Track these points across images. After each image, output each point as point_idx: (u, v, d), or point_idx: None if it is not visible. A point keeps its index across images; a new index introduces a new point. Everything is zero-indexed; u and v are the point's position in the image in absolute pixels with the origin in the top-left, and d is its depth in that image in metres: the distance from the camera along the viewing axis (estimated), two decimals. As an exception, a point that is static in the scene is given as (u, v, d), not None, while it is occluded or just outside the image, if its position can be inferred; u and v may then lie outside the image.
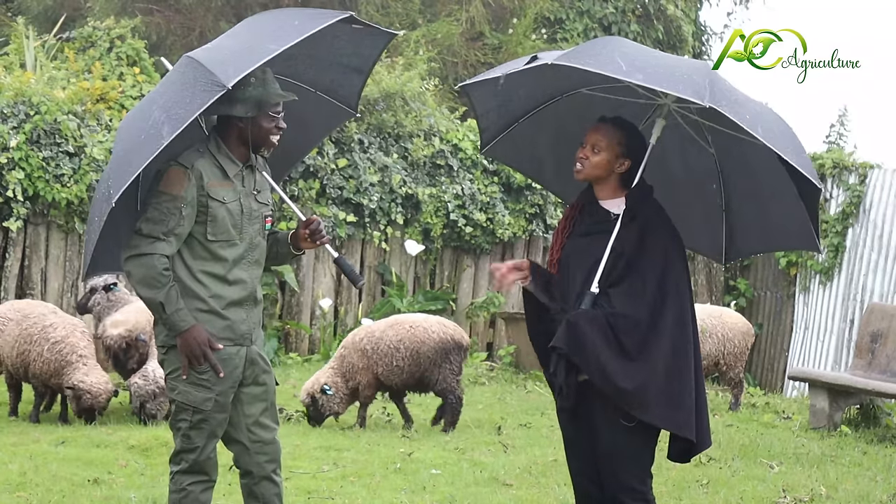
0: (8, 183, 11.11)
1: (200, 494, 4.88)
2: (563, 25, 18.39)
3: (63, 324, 9.02)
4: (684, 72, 4.34)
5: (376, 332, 9.19)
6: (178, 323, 4.68)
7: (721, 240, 5.10)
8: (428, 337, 9.13)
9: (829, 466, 8.22)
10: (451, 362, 9.13)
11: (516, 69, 4.52)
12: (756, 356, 14.91)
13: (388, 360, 9.05)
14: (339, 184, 13.10)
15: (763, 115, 4.43)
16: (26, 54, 13.19)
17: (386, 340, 9.11)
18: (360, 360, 9.09)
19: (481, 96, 5.05)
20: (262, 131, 4.80)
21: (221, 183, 4.78)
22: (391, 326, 9.26)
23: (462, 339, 9.27)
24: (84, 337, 9.01)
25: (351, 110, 5.32)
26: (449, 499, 6.86)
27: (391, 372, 9.06)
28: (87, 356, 8.89)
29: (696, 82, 4.24)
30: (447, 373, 9.10)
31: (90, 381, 8.71)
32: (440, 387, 9.12)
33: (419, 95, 13.87)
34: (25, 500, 6.54)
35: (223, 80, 4.34)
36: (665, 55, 4.72)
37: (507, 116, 5.10)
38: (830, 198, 14.18)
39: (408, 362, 9.07)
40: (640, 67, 4.28)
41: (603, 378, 4.47)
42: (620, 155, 4.64)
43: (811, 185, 4.45)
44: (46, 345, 8.86)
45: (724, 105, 4.19)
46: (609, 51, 4.44)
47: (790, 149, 4.37)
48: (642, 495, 4.60)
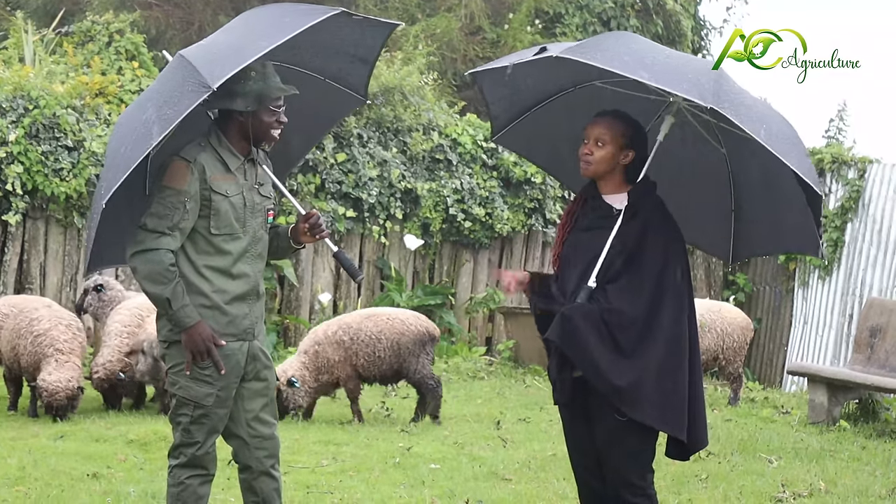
0: (7, 177, 11.10)
1: (199, 488, 4.88)
2: (562, 20, 18.37)
3: (49, 317, 8.97)
4: (691, 72, 4.33)
5: (353, 325, 9.20)
6: (183, 319, 4.67)
7: (729, 239, 5.08)
8: (407, 328, 9.21)
9: (828, 461, 8.22)
10: (427, 353, 9.26)
11: (524, 59, 4.51)
12: (755, 351, 14.91)
13: (369, 351, 9.08)
14: (338, 178, 13.10)
15: (769, 119, 4.41)
16: (25, 48, 13.18)
17: (365, 331, 9.13)
18: (336, 353, 9.08)
19: (491, 84, 5.04)
20: (262, 125, 4.79)
21: (224, 176, 4.77)
22: (367, 318, 9.28)
23: (435, 331, 9.40)
24: (68, 330, 8.94)
25: (361, 97, 5.32)
26: (448, 493, 6.86)
27: (371, 363, 9.08)
28: (64, 350, 8.81)
29: (702, 83, 4.23)
30: (425, 362, 9.20)
31: (50, 379, 8.63)
32: (418, 376, 9.19)
33: (418, 90, 13.87)
34: (24, 495, 6.54)
35: (209, 81, 4.33)
36: (676, 54, 4.69)
37: (518, 105, 5.09)
38: (829, 192, 14.18)
39: (388, 353, 9.12)
40: (648, 65, 4.27)
41: (595, 373, 4.47)
42: (624, 146, 4.63)
43: (812, 191, 4.44)
44: (30, 338, 8.86)
45: (726, 107, 4.18)
46: (618, 46, 4.44)
47: (793, 154, 4.36)
48: (642, 490, 4.60)
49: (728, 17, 21.31)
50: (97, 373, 9.07)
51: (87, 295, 10.01)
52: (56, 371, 8.67)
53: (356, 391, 9.25)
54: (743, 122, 4.21)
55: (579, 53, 4.28)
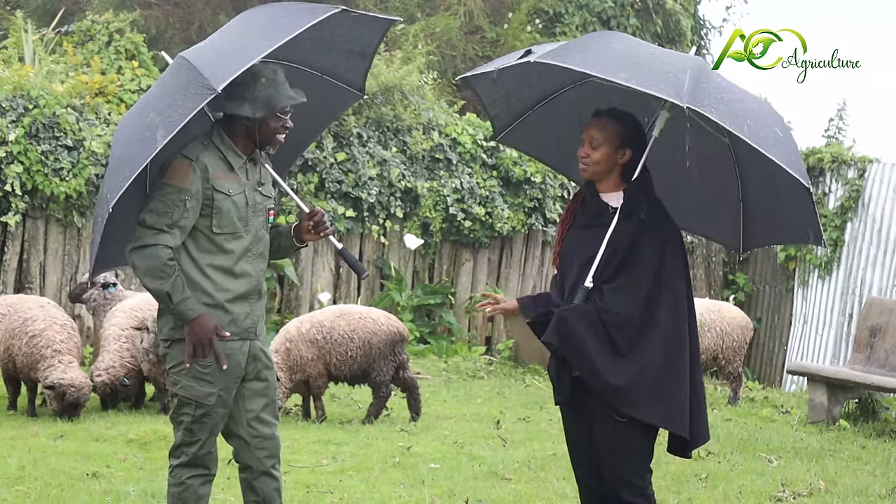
0: (6, 177, 11.10)
1: (199, 488, 4.88)
2: (562, 19, 18.37)
3: (44, 317, 8.95)
4: (671, 69, 4.31)
5: (325, 323, 9.16)
6: (185, 312, 4.67)
7: (739, 229, 5.07)
8: (378, 328, 9.18)
9: (827, 460, 8.22)
10: (395, 354, 9.19)
11: (508, 64, 4.53)
12: (755, 350, 14.91)
13: (342, 349, 9.06)
14: (338, 178, 13.10)
15: (753, 114, 4.38)
16: (25, 48, 13.18)
17: (338, 330, 9.10)
18: (309, 351, 9.05)
19: (484, 87, 5.05)
20: (269, 130, 4.80)
21: (227, 175, 4.78)
22: (339, 317, 9.24)
23: (406, 331, 9.37)
24: (63, 330, 8.92)
25: (358, 92, 5.32)
26: (448, 493, 6.86)
27: (343, 362, 9.06)
28: (62, 351, 8.79)
29: (680, 81, 4.21)
30: (390, 365, 9.15)
31: (69, 377, 8.64)
32: (380, 378, 9.14)
33: (418, 89, 13.86)
34: (24, 494, 6.54)
35: (213, 83, 4.34)
36: (659, 51, 4.66)
37: (519, 105, 5.09)
38: (829, 192, 14.18)
39: (360, 352, 9.09)
40: (627, 66, 4.26)
41: (592, 374, 4.48)
42: (620, 146, 4.63)
43: (799, 185, 4.44)
44: (25, 338, 8.85)
45: (704, 105, 4.17)
46: (599, 47, 4.44)
47: (778, 148, 4.34)
48: (641, 490, 4.61)
49: (728, 17, 21.30)
50: (100, 377, 9.06)
51: (93, 288, 10.00)
52: (69, 370, 8.69)
53: (323, 389, 9.21)
54: (723, 119, 4.19)
55: (559, 57, 4.29)
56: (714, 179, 5.05)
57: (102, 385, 9.08)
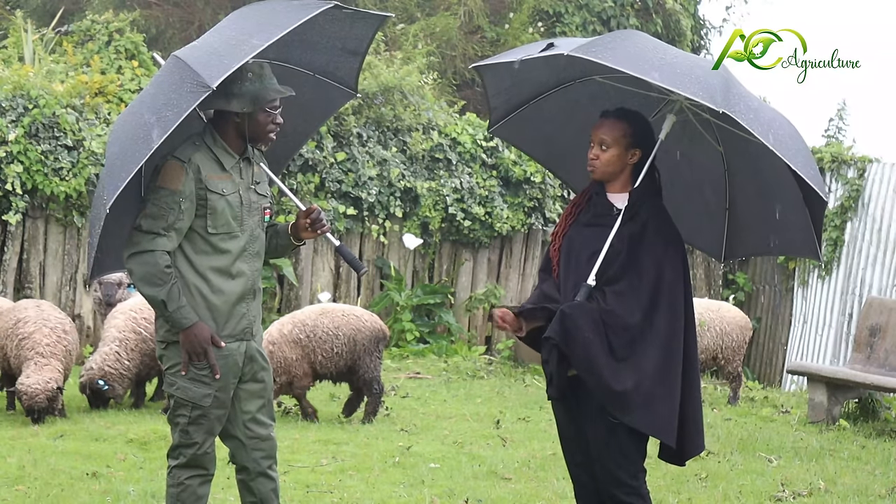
0: (6, 176, 11.11)
1: (198, 488, 4.89)
2: (562, 19, 18.38)
3: (35, 319, 8.84)
4: (701, 73, 4.31)
5: (308, 322, 9.12)
6: (180, 320, 4.67)
7: (722, 238, 5.08)
8: (362, 325, 9.16)
9: (827, 460, 8.22)
10: (379, 351, 9.19)
11: (532, 55, 4.49)
12: (754, 350, 14.91)
13: (327, 347, 9.03)
14: (338, 177, 13.10)
15: (776, 123, 4.40)
16: (25, 48, 13.19)
17: (322, 328, 9.07)
18: (293, 352, 9.00)
19: (494, 77, 5.03)
20: (258, 126, 4.79)
21: (220, 175, 4.77)
22: (322, 315, 9.20)
23: (386, 330, 9.36)
24: (53, 333, 8.76)
25: (351, 90, 5.30)
26: (447, 492, 6.86)
27: (329, 359, 9.03)
28: (45, 354, 8.64)
29: (712, 85, 4.22)
30: (376, 362, 9.13)
31: (27, 383, 8.45)
32: (368, 376, 9.10)
33: (418, 89, 13.87)
34: (24, 494, 6.54)
35: (208, 80, 4.33)
36: (683, 54, 4.65)
37: (517, 98, 5.08)
38: (829, 192, 14.18)
39: (346, 349, 9.06)
40: (657, 66, 4.25)
41: (590, 372, 4.47)
42: (629, 146, 4.62)
43: (818, 197, 4.44)
44: (16, 340, 8.80)
45: (738, 111, 4.17)
46: (627, 45, 4.42)
47: (800, 160, 4.35)
48: (635, 490, 4.60)
49: (728, 17, 21.33)
50: (81, 377, 9.04)
51: (121, 288, 9.99)
52: (34, 374, 8.50)
53: (306, 388, 9.18)
54: (752, 127, 4.20)
55: (590, 52, 4.26)
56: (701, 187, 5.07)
57: (80, 386, 9.08)
